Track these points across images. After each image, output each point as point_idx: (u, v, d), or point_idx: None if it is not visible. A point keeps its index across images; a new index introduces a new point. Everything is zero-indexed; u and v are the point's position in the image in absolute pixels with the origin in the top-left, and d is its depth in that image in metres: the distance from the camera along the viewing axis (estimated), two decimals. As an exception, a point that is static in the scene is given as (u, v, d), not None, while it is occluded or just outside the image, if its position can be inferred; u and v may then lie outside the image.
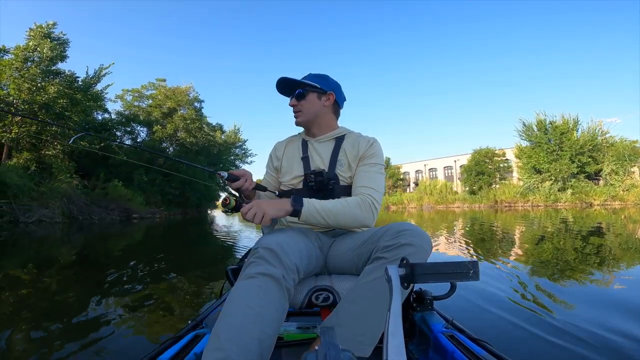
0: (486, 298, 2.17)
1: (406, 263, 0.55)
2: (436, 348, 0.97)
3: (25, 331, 1.81)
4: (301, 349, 1.02)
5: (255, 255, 0.83)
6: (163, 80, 23.53)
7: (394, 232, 0.89)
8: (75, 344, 1.60)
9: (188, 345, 0.89)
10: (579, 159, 21.56)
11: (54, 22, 13.45)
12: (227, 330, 0.70)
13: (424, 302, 1.14)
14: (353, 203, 1.01)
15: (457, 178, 33.06)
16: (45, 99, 11.65)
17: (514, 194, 22.89)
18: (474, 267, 0.54)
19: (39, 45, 12.29)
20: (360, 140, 1.15)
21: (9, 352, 1.57)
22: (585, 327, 1.66)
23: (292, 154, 1.23)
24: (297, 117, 1.19)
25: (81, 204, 12.31)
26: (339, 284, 0.99)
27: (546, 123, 23.16)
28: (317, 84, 1.16)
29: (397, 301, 0.50)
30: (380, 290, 0.83)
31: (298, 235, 0.99)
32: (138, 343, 1.64)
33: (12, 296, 2.54)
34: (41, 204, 10.44)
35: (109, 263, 4.09)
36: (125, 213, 14.38)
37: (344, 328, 0.83)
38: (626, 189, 19.88)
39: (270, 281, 0.78)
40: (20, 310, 2.16)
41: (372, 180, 1.07)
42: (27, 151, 12.32)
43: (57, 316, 2.05)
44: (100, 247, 5.74)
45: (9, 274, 3.37)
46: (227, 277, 1.05)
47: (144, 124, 21.96)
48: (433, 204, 27.64)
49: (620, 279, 2.69)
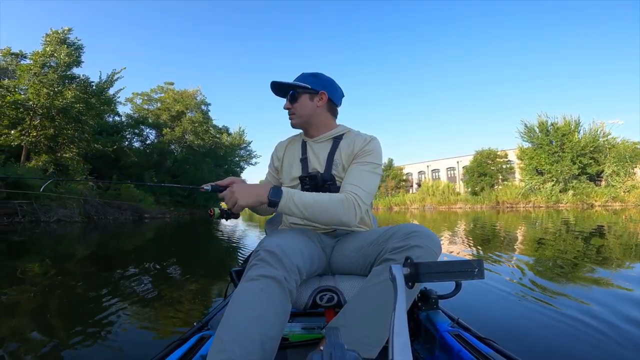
0: (492, 297, 2.21)
1: (410, 262, 0.56)
2: (442, 347, 0.97)
3: (38, 324, 1.92)
4: (306, 350, 1.02)
5: (257, 257, 0.84)
6: (171, 84, 24.10)
7: (404, 234, 0.89)
8: (84, 341, 1.66)
9: (194, 347, 0.90)
10: (580, 160, 21.73)
11: (69, 28, 13.93)
12: (230, 332, 0.71)
13: (429, 301, 1.14)
14: (336, 200, 0.97)
15: (460, 179, 33.23)
16: (63, 104, 12.13)
17: (515, 195, 23.13)
18: (479, 265, 0.54)
19: (56, 51, 12.77)
20: (356, 139, 1.13)
21: (21, 344, 1.64)
22: (591, 325, 1.67)
23: (292, 155, 1.22)
24: (291, 120, 1.18)
25: (97, 204, 12.79)
26: (343, 284, 0.99)
27: (548, 124, 23.36)
28: (308, 84, 1.13)
29: (402, 300, 0.50)
30: (388, 292, 0.81)
31: (300, 237, 0.99)
32: (145, 341, 1.68)
33: (30, 291, 2.68)
34: (60, 205, 10.91)
35: (122, 261, 4.31)
36: (138, 213, 14.84)
37: (351, 329, 0.83)
38: (627, 190, 20.02)
39: (272, 283, 0.79)
40: (36, 304, 2.31)
41: (361, 179, 1.04)
42: (45, 153, 12.82)
43: (70, 313, 2.15)
44: (115, 246, 6.07)
45: (29, 270, 3.58)
46: (231, 278, 1.05)
47: (153, 127, 22.48)
48: (435, 204, 27.90)
49: (625, 277, 2.73)
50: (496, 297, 2.22)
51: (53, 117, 12.30)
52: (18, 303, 2.37)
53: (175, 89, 23.76)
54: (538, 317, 1.83)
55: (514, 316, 1.88)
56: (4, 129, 12.13)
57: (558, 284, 2.59)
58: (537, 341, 1.53)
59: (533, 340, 1.55)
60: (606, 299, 2.13)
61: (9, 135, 12.04)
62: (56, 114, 12.39)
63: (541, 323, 1.74)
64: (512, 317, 1.87)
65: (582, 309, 1.94)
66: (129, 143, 21.29)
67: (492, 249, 4.70)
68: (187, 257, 4.63)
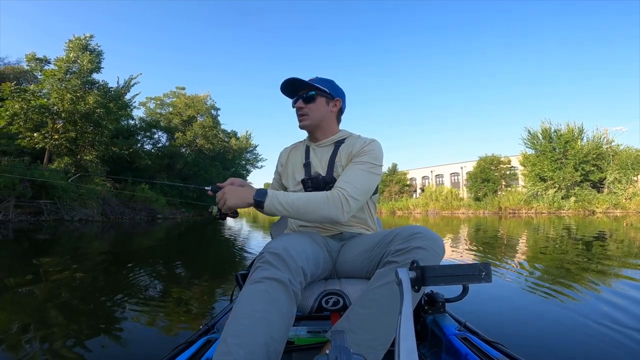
0: (500, 300, 2.22)
1: (416, 266, 0.56)
2: (449, 351, 0.96)
3: (50, 317, 1.97)
4: (312, 353, 1.02)
5: (262, 260, 0.84)
6: (183, 89, 24.85)
7: (406, 236, 0.89)
8: (93, 338, 1.69)
9: (200, 350, 0.90)
10: (582, 167, 21.85)
11: (90, 35, 14.63)
12: (235, 335, 0.71)
13: (435, 305, 1.13)
14: (320, 196, 0.99)
15: (463, 184, 33.44)
16: (86, 109, 12.77)
17: (518, 201, 23.27)
18: (486, 269, 0.53)
19: (80, 57, 13.44)
20: (356, 142, 1.15)
21: (27, 336, 1.68)
22: (600, 329, 1.67)
23: (295, 160, 1.25)
24: (302, 121, 1.18)
25: (114, 204, 13.38)
26: (349, 288, 0.99)
27: (551, 132, 23.59)
28: (327, 89, 1.16)
29: (408, 304, 0.50)
30: (392, 295, 0.83)
31: (305, 239, 1.00)
32: (151, 339, 1.70)
33: (46, 285, 2.77)
34: (81, 204, 11.51)
35: (133, 259, 4.53)
36: (151, 214, 15.41)
37: (355, 332, 0.83)
38: (628, 197, 20.06)
39: (276, 285, 0.79)
40: (51, 298, 2.41)
41: (353, 176, 1.04)
42: (67, 156, 13.47)
43: (80, 308, 2.21)
44: (130, 244, 6.46)
45: (47, 265, 3.72)
46: (237, 281, 1.05)
47: (165, 130, 23.19)
48: (438, 209, 28.05)
49: (635, 280, 2.76)
50: (504, 300, 2.22)
51: (75, 122, 12.95)
52: (34, 295, 2.48)
53: (186, 94, 24.50)
54: (546, 320, 1.84)
55: (522, 319, 1.87)
56: (26, 131, 12.78)
57: (566, 287, 2.57)
58: (546, 344, 1.52)
59: (541, 343, 1.54)
60: (616, 302, 2.11)
61: (33, 138, 12.69)
62: (78, 119, 13.04)
63: (549, 326, 1.74)
64: (520, 321, 1.86)
65: (591, 312, 1.93)
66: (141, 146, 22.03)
67: (497, 253, 4.73)
68: (193, 256, 4.74)
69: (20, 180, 9.93)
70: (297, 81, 1.14)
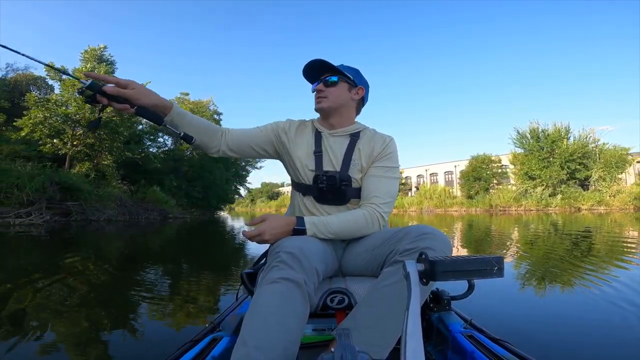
0: (506, 297, 2.21)
1: (425, 258, 0.54)
2: (455, 348, 0.96)
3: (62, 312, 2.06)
4: (317, 351, 0.99)
5: (277, 259, 0.83)
6: (187, 94, 25.84)
7: (415, 236, 0.88)
8: (106, 333, 1.74)
9: (206, 348, 0.90)
10: (568, 165, 22.64)
11: (104, 46, 15.52)
12: (254, 337, 0.72)
13: (441, 303, 1.12)
14: (360, 218, 1.01)
15: (457, 183, 34.10)
16: (106, 117, 13.65)
17: (508, 199, 24.13)
18: (499, 263, 0.52)
19: (96, 68, 14.32)
20: (375, 139, 1.11)
21: (37, 328, 1.75)
22: (608, 325, 1.66)
23: (303, 143, 1.15)
24: (319, 102, 1.12)
25: (130, 205, 14.32)
26: (354, 286, 0.99)
27: (539, 131, 24.40)
28: (351, 76, 1.13)
29: (415, 299, 0.48)
30: (398, 294, 0.82)
31: (315, 238, 0.98)
32: (159, 334, 1.73)
33: (65, 281, 2.88)
34: (105, 206, 12.47)
35: (146, 255, 4.81)
36: (163, 214, 16.39)
37: (361, 331, 0.83)
38: (612, 195, 20.89)
39: (292, 286, 0.79)
40: (70, 294, 2.50)
41: (383, 189, 1.04)
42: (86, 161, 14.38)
43: (93, 304, 2.28)
44: (146, 242, 7.08)
45: (69, 262, 3.92)
46: (243, 281, 1.03)
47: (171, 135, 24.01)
48: (432, 207, 28.78)
49: (629, 274, 2.79)
50: (509, 297, 2.22)
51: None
52: (58, 289, 2.62)
53: (190, 99, 25.43)
54: (551, 317, 1.82)
55: (527, 316, 1.86)
56: (46, 138, 13.64)
57: (569, 283, 2.56)
58: (552, 341, 1.50)
59: (547, 339, 1.52)
60: (621, 295, 2.09)
61: (54, 145, 13.56)
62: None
63: (555, 322, 1.73)
64: (525, 317, 1.85)
65: (597, 307, 1.92)
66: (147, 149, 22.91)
67: (496, 249, 4.76)
68: (199, 254, 4.91)
69: (50, 183, 10.83)
70: (321, 63, 1.10)
